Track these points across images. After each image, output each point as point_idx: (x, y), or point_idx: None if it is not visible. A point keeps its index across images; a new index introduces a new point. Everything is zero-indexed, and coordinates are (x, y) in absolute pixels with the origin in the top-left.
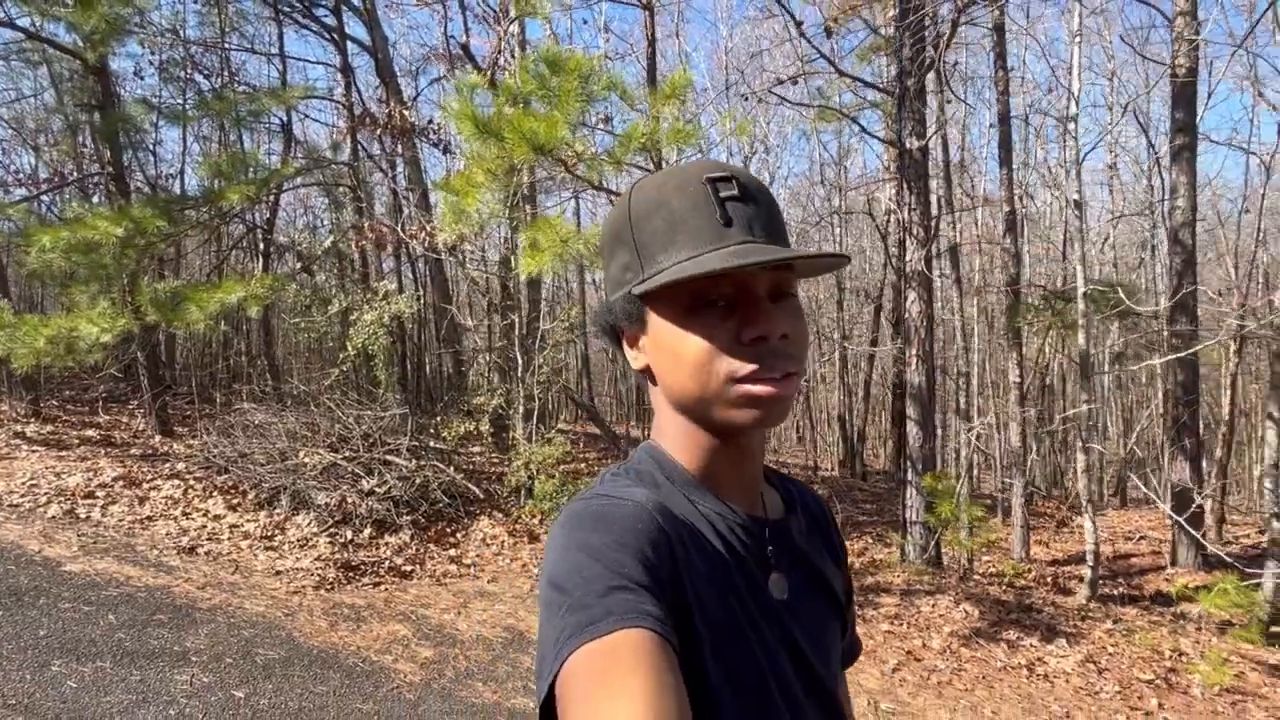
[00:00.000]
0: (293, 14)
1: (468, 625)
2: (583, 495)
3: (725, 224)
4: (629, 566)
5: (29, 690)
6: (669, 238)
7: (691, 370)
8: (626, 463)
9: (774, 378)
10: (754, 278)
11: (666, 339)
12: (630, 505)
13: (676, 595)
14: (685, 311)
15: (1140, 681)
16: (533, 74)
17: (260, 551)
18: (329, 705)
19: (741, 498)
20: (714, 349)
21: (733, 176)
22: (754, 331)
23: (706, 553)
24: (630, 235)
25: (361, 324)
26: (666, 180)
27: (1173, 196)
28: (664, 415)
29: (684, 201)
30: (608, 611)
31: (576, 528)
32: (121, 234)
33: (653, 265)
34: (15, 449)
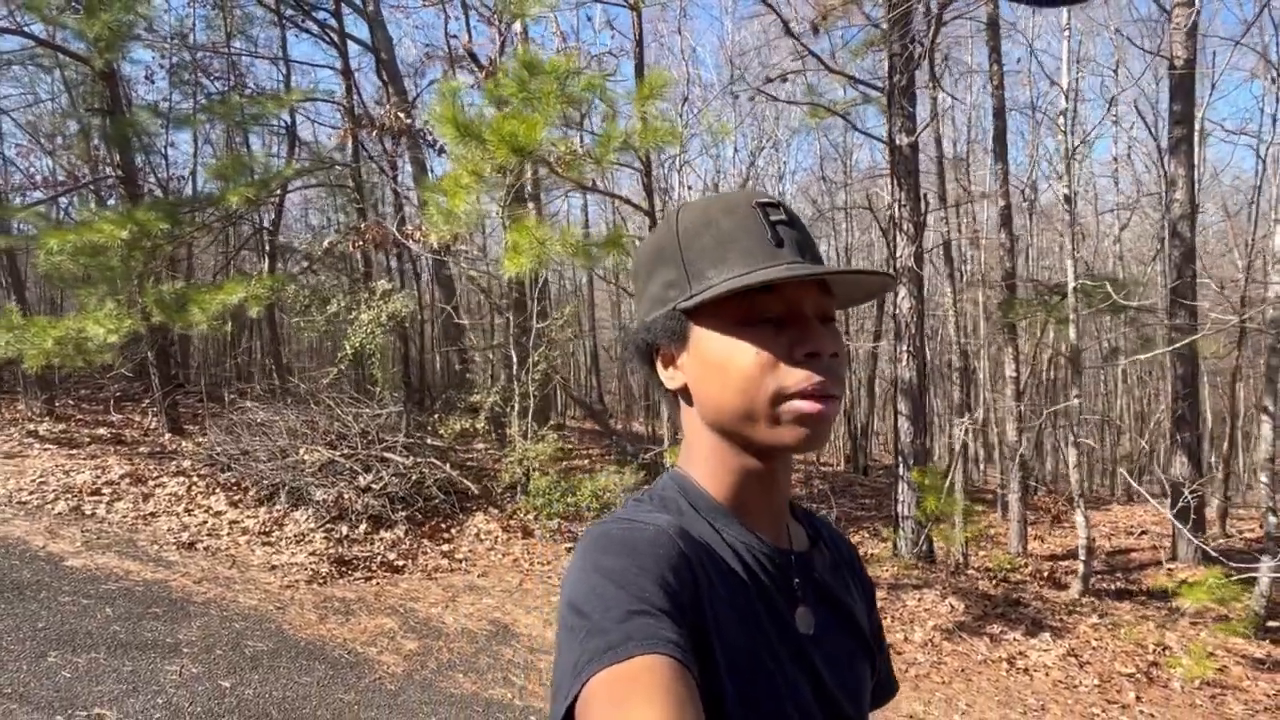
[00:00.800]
0: (294, 18)
1: (454, 619)
2: (604, 520)
3: (777, 245)
4: (650, 591)
5: (25, 680)
6: (720, 255)
7: (741, 384)
8: (650, 489)
9: (824, 395)
10: (804, 298)
11: (714, 354)
12: (652, 530)
13: (696, 619)
14: (736, 326)
15: (1121, 675)
16: (513, 77)
17: (258, 547)
18: (312, 695)
19: (768, 528)
20: (767, 362)
21: (780, 203)
22: (807, 347)
23: (728, 579)
24: (678, 253)
25: (359, 323)
26: (713, 203)
27: (1171, 189)
28: (697, 438)
29: (734, 222)
30: (628, 637)
31: (597, 551)
32: (126, 236)
33: (702, 281)
34: (28, 447)
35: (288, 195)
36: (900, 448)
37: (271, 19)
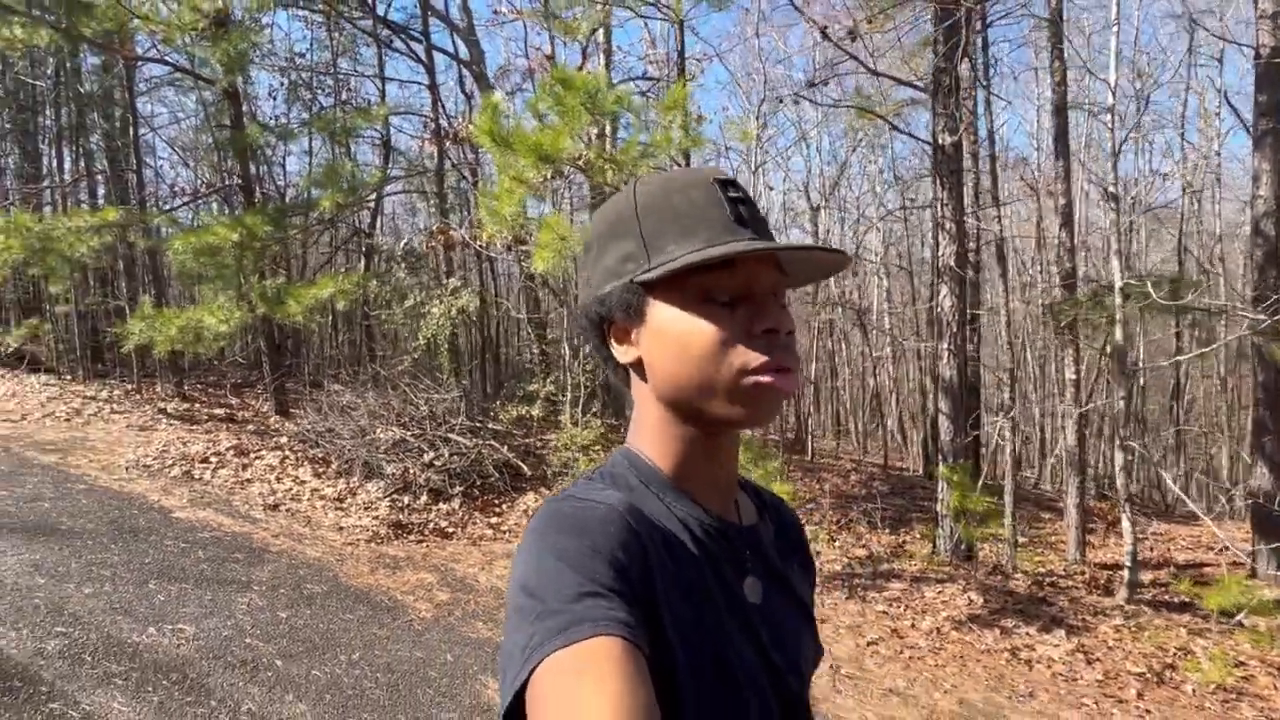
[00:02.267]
0: (388, 39)
1: (487, 578)
2: (554, 499)
3: (737, 221)
4: (600, 572)
5: (130, 600)
6: (681, 229)
7: (700, 360)
8: (600, 467)
9: (784, 369)
10: (761, 276)
11: (672, 328)
12: (602, 508)
13: (647, 594)
14: (695, 301)
15: (1129, 674)
16: (550, 92)
17: (330, 511)
18: (351, 629)
19: (717, 501)
20: (726, 338)
21: (736, 181)
22: (766, 323)
23: (678, 553)
24: (636, 225)
25: (430, 316)
26: (672, 179)
27: (1255, 184)
28: (647, 412)
29: (693, 198)
30: (579, 618)
31: (548, 532)
32: (236, 239)
33: (661, 255)
34: (157, 422)
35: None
36: (941, 446)
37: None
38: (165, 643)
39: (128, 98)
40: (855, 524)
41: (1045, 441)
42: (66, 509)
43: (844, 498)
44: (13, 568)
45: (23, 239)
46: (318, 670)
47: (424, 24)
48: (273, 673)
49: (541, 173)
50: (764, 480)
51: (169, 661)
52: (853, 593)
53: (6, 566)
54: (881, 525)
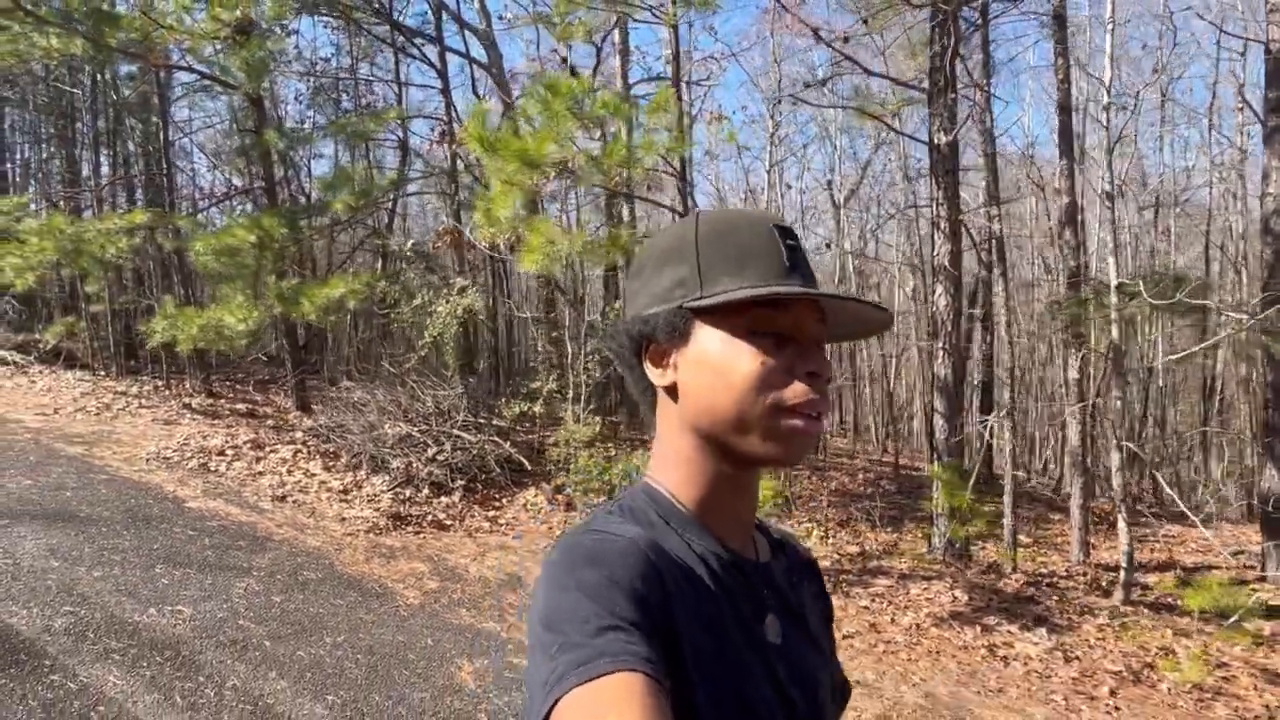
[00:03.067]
0: (403, 45)
1: (477, 569)
2: (574, 531)
3: (790, 267)
4: (621, 605)
5: (135, 582)
6: (738, 264)
7: (740, 390)
8: (620, 500)
9: (816, 416)
10: (807, 320)
11: (716, 356)
12: (622, 541)
13: (667, 626)
14: (743, 333)
15: (1106, 672)
16: (538, 97)
17: (335, 503)
18: (339, 613)
19: (736, 538)
20: (771, 372)
21: (793, 230)
22: (810, 366)
23: (698, 588)
24: (694, 254)
25: (435, 315)
26: (735, 216)
27: (1265, 181)
28: (674, 440)
29: (753, 237)
30: (600, 653)
31: (567, 565)
32: (253, 240)
33: (715, 285)
34: (181, 417)
35: (409, 200)
36: (935, 444)
37: (384, 46)
38: (163, 623)
39: (160, 103)
40: (855, 522)
41: (1065, 441)
42: (86, 498)
43: (849, 496)
44: (30, 551)
45: (56, 241)
46: (302, 651)
47: (437, 28)
48: (260, 652)
49: (529, 177)
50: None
51: (165, 640)
52: (837, 588)
53: (25, 550)
54: (881, 524)
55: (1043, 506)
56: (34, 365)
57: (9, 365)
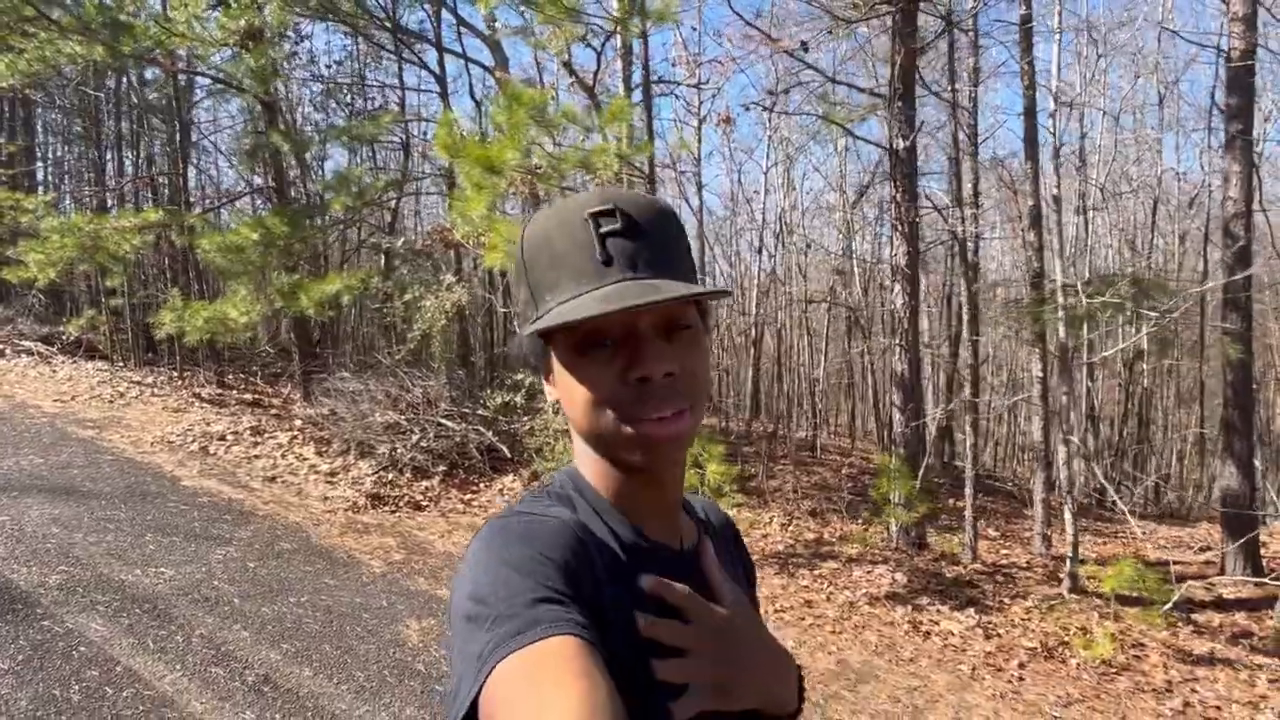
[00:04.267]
0: (401, 50)
1: (443, 544)
2: (500, 515)
3: (605, 262)
4: (552, 578)
5: (124, 548)
6: (554, 278)
7: (583, 410)
8: (547, 485)
9: (660, 417)
10: (638, 315)
11: (562, 379)
12: (553, 521)
13: (596, 605)
14: (575, 352)
15: (1021, 648)
16: (503, 106)
17: (321, 484)
18: (306, 579)
19: (659, 527)
20: (601, 392)
21: (616, 209)
22: (637, 372)
23: (620, 576)
24: (524, 273)
25: (424, 310)
26: (551, 216)
27: (1225, 185)
28: (578, 445)
29: (565, 239)
30: (536, 620)
31: (498, 543)
32: (256, 238)
33: (542, 305)
34: (190, 405)
35: (416, 199)
36: (893, 437)
37: (386, 51)
38: (146, 582)
39: (175, 106)
40: (825, 512)
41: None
42: (90, 475)
43: (826, 489)
44: (34, 520)
45: (76, 238)
46: (267, 608)
47: (436, 33)
48: (229, 608)
49: (492, 183)
50: (710, 462)
51: (145, 596)
52: (783, 569)
53: (30, 518)
54: (847, 514)
55: (1017, 502)
56: (57, 356)
57: (34, 356)
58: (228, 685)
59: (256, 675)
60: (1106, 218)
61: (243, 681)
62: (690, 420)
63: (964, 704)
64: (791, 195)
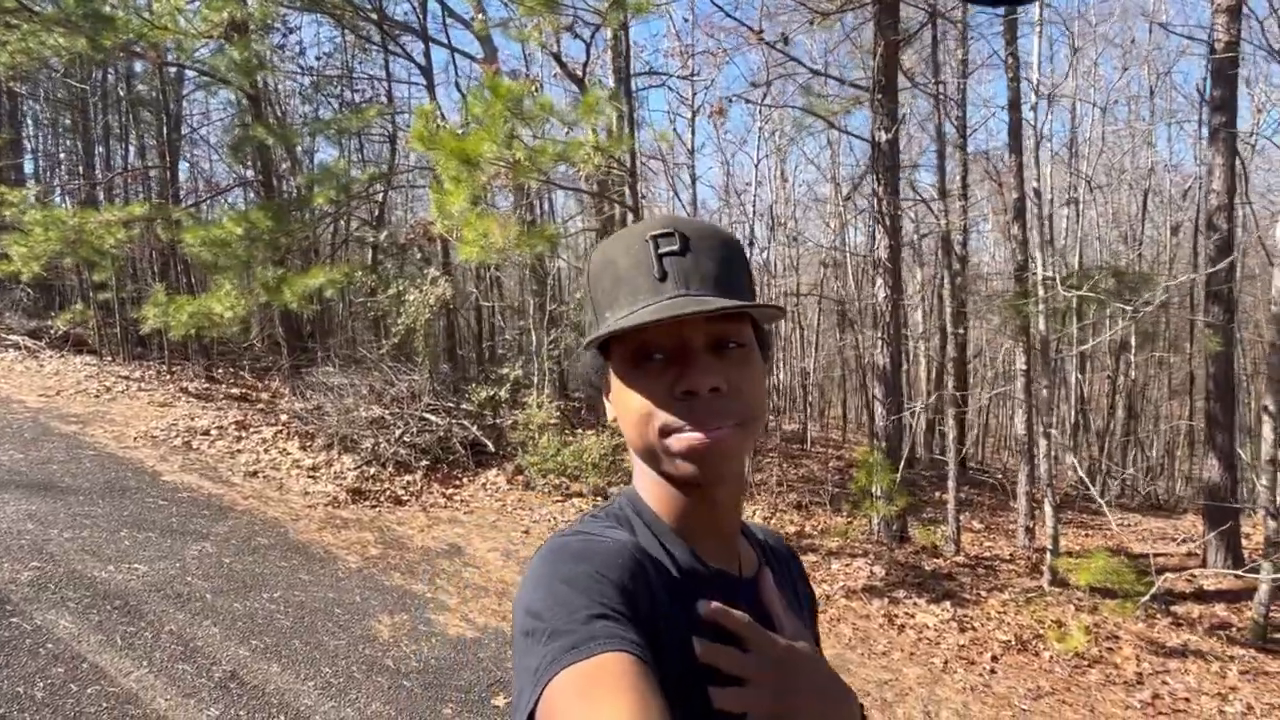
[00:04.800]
0: (386, 43)
1: (421, 539)
2: (560, 534)
3: (660, 279)
4: (610, 596)
5: (99, 543)
6: (614, 295)
7: (634, 423)
8: (606, 506)
9: (703, 432)
10: (690, 329)
11: (617, 392)
12: (611, 543)
13: (653, 627)
14: (630, 366)
15: (995, 641)
16: (480, 99)
17: (303, 478)
18: (281, 572)
19: (715, 551)
20: (650, 403)
21: (675, 231)
22: (683, 385)
23: (678, 600)
24: (589, 294)
25: (407, 304)
26: (617, 240)
27: (1209, 177)
28: (636, 464)
29: (628, 260)
30: (591, 636)
31: (557, 561)
32: (241, 232)
33: (603, 322)
34: (176, 400)
35: (409, 191)
36: (875, 429)
37: (371, 43)
38: (119, 578)
39: (163, 99)
40: (810, 505)
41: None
42: (70, 470)
43: (813, 482)
44: (10, 515)
45: (60, 232)
46: (239, 604)
47: (422, 24)
48: (201, 603)
49: (470, 176)
50: None
51: (116, 592)
52: None
53: (5, 514)
54: (831, 507)
55: (1004, 495)
56: (45, 350)
57: (21, 350)
58: (194, 682)
59: (224, 672)
60: (1098, 210)
61: (209, 678)
62: (737, 435)
63: (934, 697)
64: (785, 188)
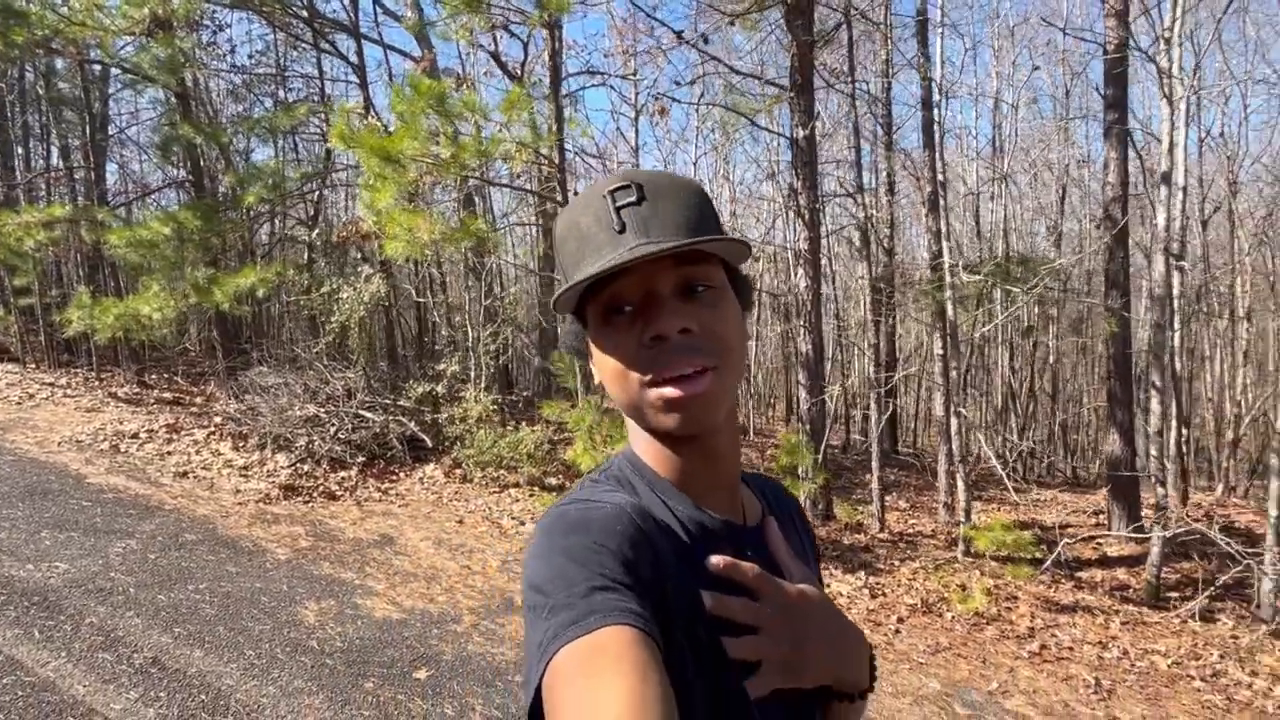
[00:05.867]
0: (316, 40)
1: (354, 531)
2: (561, 501)
3: (620, 231)
4: (609, 567)
5: (18, 543)
6: (579, 256)
7: (613, 380)
8: (604, 468)
9: (680, 375)
10: (657, 277)
11: (594, 353)
12: (609, 508)
13: (658, 590)
14: (600, 323)
15: (904, 605)
16: (404, 96)
17: (235, 477)
18: (208, 567)
19: (718, 502)
20: (622, 357)
21: (631, 183)
22: (651, 331)
23: (684, 554)
24: (559, 260)
25: (342, 302)
26: (578, 202)
27: (1105, 171)
28: (628, 424)
29: (589, 218)
30: (590, 610)
31: (556, 532)
32: (169, 233)
33: (571, 282)
34: (105, 405)
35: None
36: (799, 414)
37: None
38: (39, 576)
39: (85, 98)
40: None
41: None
42: None
43: (748, 468)
44: None
45: None
46: (163, 596)
47: (353, 22)
48: (124, 597)
49: (395, 173)
50: (619, 442)
51: (36, 589)
52: None
53: None
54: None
55: (930, 475)
56: None
57: None
58: (114, 669)
59: (145, 658)
60: (1023, 205)
61: (130, 664)
62: (715, 380)
63: None
64: (728, 186)
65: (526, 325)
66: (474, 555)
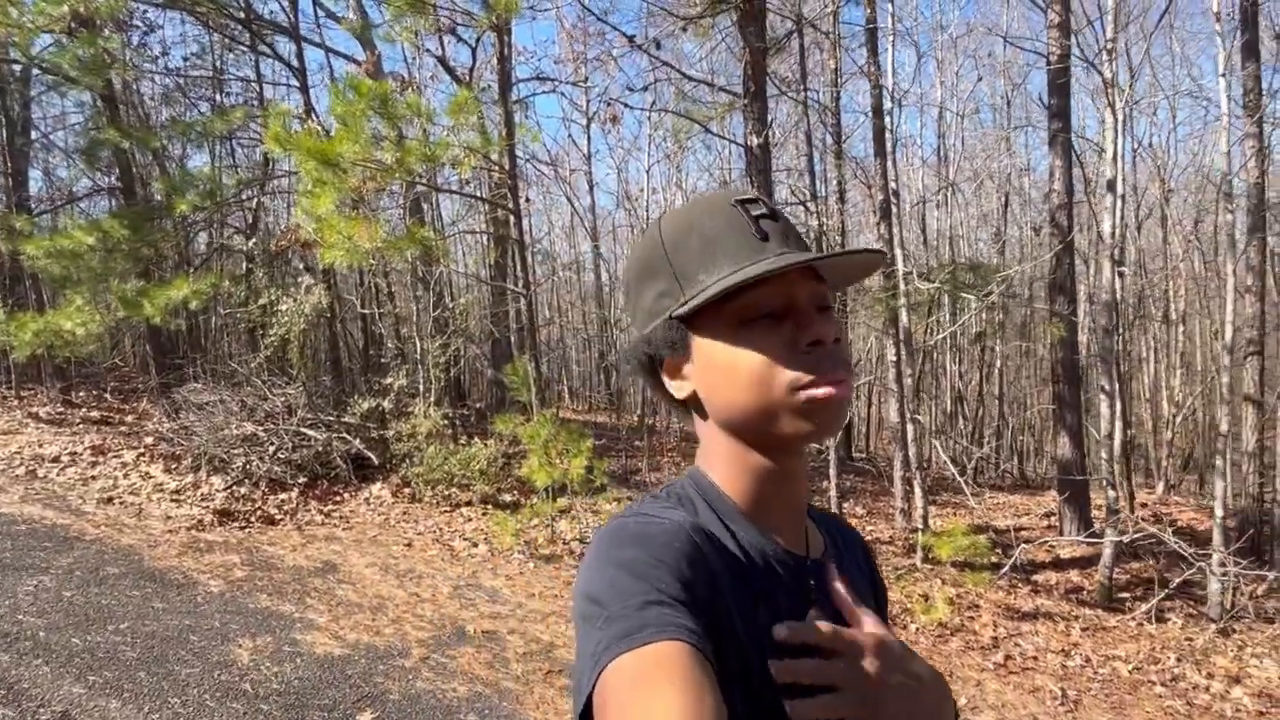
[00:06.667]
0: (254, 43)
1: (293, 558)
2: (620, 515)
3: (762, 239)
4: (666, 582)
5: None
6: (708, 257)
7: (749, 384)
8: (669, 486)
9: (835, 381)
10: (798, 288)
11: (720, 357)
12: (669, 524)
13: (713, 610)
14: (735, 326)
15: None
16: (343, 98)
17: (165, 502)
18: (130, 604)
19: (785, 530)
20: (773, 358)
21: (759, 198)
22: (810, 336)
23: (741, 580)
24: (666, 263)
25: (280, 315)
26: (693, 207)
27: (1050, 179)
28: (712, 442)
29: (716, 223)
30: (645, 624)
31: (613, 545)
32: (93, 242)
33: (694, 286)
34: (24, 427)
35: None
36: None
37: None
38: None
39: (0, 98)
40: None
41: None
42: None
43: None
44: None
45: None
46: (77, 639)
47: (293, 24)
48: (31, 642)
49: (335, 178)
50: (578, 456)
51: None
52: None
53: None
54: None
55: (886, 481)
56: None
57: None
58: None
59: (53, 713)
60: (968, 212)
61: None
62: (851, 389)
63: None
64: (679, 195)
65: (479, 336)
66: (423, 581)
